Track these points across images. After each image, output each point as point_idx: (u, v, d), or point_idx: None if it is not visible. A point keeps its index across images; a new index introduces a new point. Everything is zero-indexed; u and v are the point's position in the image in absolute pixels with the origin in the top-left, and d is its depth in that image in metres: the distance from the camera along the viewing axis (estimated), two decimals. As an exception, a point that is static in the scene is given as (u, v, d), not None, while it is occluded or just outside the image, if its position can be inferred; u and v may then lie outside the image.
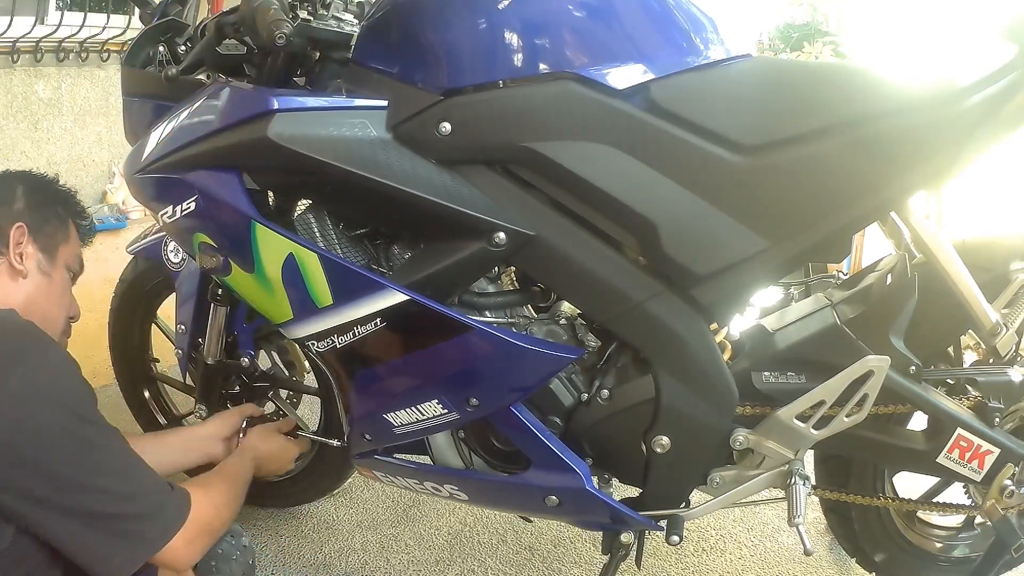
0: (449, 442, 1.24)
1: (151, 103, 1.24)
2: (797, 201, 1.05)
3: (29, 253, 1.10)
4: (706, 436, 1.15)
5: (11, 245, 1.08)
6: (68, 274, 1.19)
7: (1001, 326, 1.16)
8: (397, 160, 1.01)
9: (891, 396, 1.15)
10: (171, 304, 1.61)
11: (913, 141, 1.02)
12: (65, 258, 1.17)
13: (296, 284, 1.07)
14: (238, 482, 1.21)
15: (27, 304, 1.07)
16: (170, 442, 1.37)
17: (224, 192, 1.06)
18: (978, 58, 1.05)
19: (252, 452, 1.33)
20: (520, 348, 1.05)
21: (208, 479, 1.17)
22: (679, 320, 1.09)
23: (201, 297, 1.49)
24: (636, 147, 1.02)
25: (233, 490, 1.18)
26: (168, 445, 1.35)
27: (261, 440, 1.37)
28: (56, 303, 1.15)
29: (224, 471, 1.23)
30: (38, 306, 1.09)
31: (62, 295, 1.16)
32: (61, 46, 3.15)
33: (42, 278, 1.12)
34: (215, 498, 1.10)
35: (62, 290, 1.16)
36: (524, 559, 1.69)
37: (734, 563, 1.70)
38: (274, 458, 1.38)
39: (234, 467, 1.25)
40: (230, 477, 1.21)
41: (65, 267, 1.17)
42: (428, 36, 1.02)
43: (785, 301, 1.34)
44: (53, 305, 1.14)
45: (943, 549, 1.49)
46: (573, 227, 1.05)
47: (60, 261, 1.15)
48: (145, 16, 1.37)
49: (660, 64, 1.03)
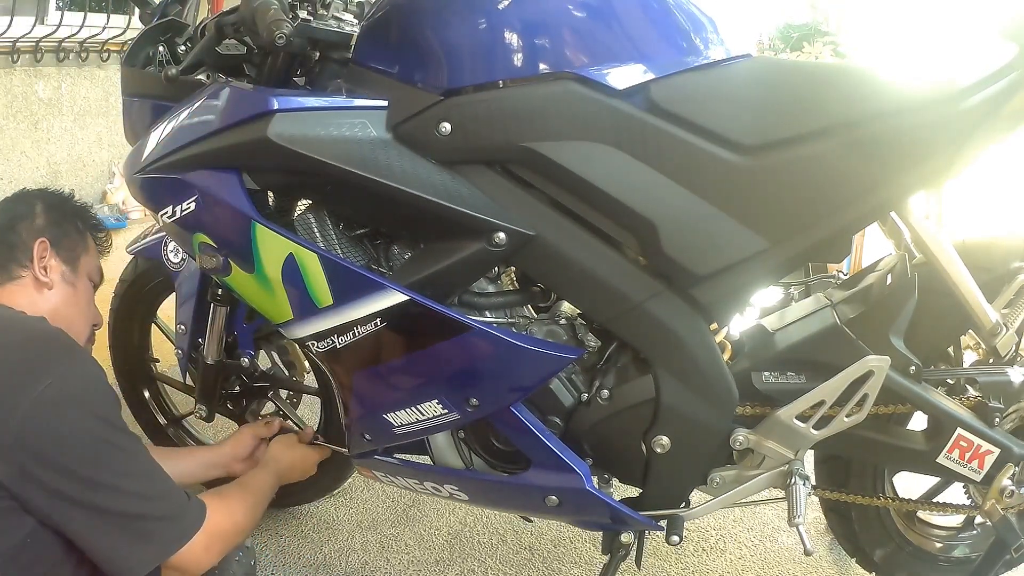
0: (449, 442, 1.24)
1: (151, 103, 1.24)
2: (797, 201, 1.05)
3: (53, 266, 1.15)
4: (706, 436, 1.15)
5: (35, 259, 1.13)
6: (90, 284, 1.24)
7: (1001, 326, 1.16)
8: (397, 160, 1.01)
9: (891, 396, 1.15)
10: (171, 304, 1.61)
11: (913, 141, 1.02)
12: (87, 269, 1.23)
13: (296, 284, 1.07)
14: (259, 494, 1.24)
15: (54, 314, 1.11)
16: (187, 462, 1.40)
17: (224, 192, 1.06)
18: (978, 58, 1.05)
19: (275, 465, 1.36)
20: (520, 348, 1.05)
21: (228, 489, 1.20)
22: (679, 320, 1.09)
23: (201, 297, 1.49)
24: (636, 147, 1.02)
25: (252, 500, 1.21)
26: (184, 464, 1.38)
27: (283, 451, 1.40)
28: (81, 312, 1.20)
29: (245, 482, 1.26)
30: (64, 316, 1.14)
31: (87, 305, 1.22)
32: (61, 46, 3.15)
33: (67, 289, 1.17)
34: (233, 507, 1.13)
35: (86, 300, 1.22)
36: (524, 559, 1.69)
37: (734, 563, 1.70)
38: (296, 467, 1.41)
39: (256, 480, 1.28)
40: (251, 489, 1.24)
41: (87, 277, 1.23)
42: (428, 36, 1.02)
43: (785, 301, 1.34)
44: (78, 314, 1.19)
45: (943, 549, 1.49)
46: (573, 227, 1.05)
47: (82, 272, 1.21)
48: (145, 16, 1.37)
49: (660, 64, 1.03)
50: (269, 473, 1.32)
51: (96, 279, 1.26)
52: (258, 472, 1.33)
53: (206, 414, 1.57)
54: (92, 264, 1.25)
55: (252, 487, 1.24)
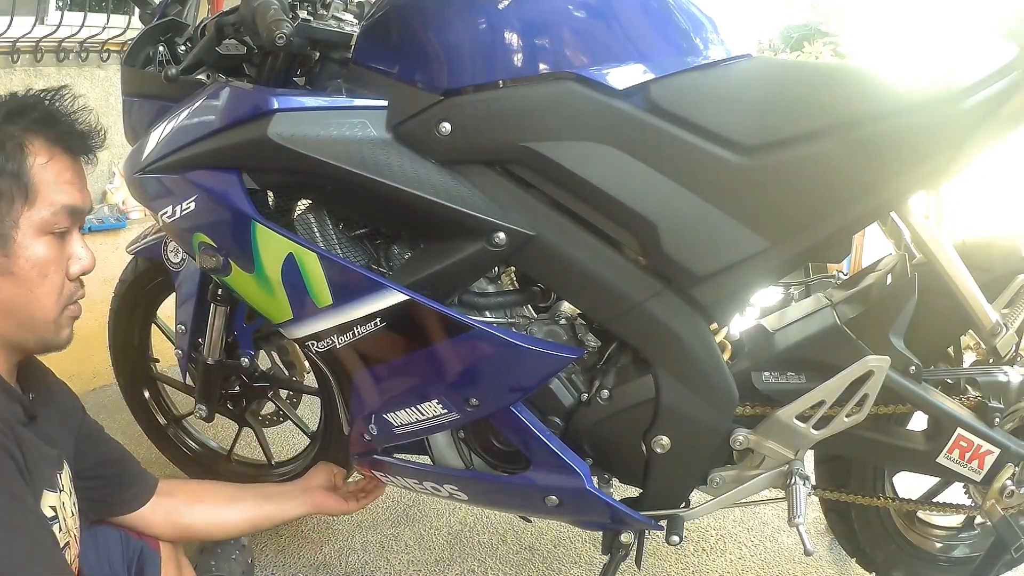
0: (449, 442, 1.24)
1: (151, 103, 1.24)
2: (797, 201, 1.05)
3: None
4: (706, 436, 1.15)
5: None
6: (44, 242, 0.90)
7: (1001, 326, 1.16)
8: (397, 160, 1.01)
9: (891, 396, 1.15)
10: (171, 304, 1.61)
11: (913, 141, 1.02)
12: (35, 223, 0.87)
13: (296, 284, 1.07)
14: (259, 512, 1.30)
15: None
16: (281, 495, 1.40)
17: (224, 192, 1.06)
18: (978, 58, 1.05)
19: (309, 507, 1.38)
20: (520, 348, 1.05)
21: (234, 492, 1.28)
22: (679, 320, 1.09)
23: (201, 297, 1.49)
24: (636, 147, 1.02)
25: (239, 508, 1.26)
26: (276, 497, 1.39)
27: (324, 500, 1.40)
28: (30, 298, 0.89)
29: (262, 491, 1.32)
30: (7, 315, 0.89)
31: (36, 286, 0.89)
32: (61, 46, 3.14)
33: (1, 283, 0.87)
34: None
35: (36, 279, 0.89)
36: (524, 559, 1.69)
37: (734, 563, 1.70)
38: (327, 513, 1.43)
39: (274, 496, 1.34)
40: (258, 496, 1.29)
41: (37, 234, 0.88)
42: (428, 36, 1.02)
43: (785, 301, 1.34)
44: (26, 303, 0.89)
45: (943, 549, 1.49)
46: (573, 227, 1.05)
47: (24, 238, 0.87)
48: (145, 16, 1.37)
49: (660, 64, 1.03)
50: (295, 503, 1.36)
51: (63, 221, 0.88)
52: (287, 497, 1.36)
53: (206, 414, 1.57)
54: (47, 202, 0.86)
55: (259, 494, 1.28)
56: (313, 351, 1.14)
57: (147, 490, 1.21)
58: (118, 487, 1.17)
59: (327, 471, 1.44)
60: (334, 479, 1.44)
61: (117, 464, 1.18)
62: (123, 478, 1.18)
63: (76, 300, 0.97)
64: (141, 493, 1.20)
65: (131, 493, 1.19)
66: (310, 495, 1.39)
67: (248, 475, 1.76)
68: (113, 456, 1.18)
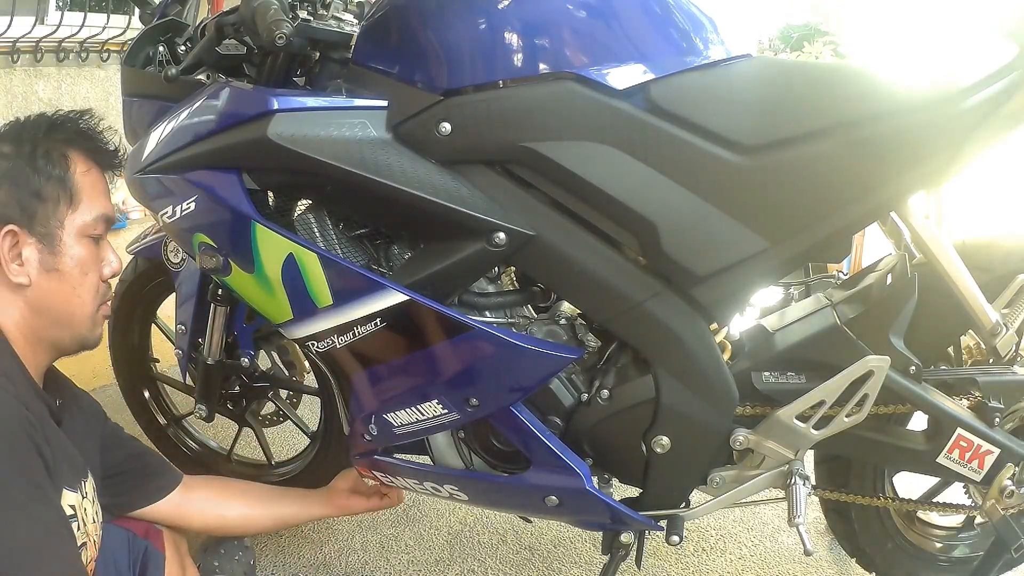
0: (449, 442, 1.24)
1: (151, 103, 1.24)
2: (797, 201, 1.05)
3: (28, 257, 0.93)
4: (706, 436, 1.15)
5: (2, 257, 0.92)
6: (84, 244, 0.98)
7: (1001, 326, 1.16)
8: (397, 160, 1.01)
9: (891, 396, 1.15)
10: (171, 304, 1.61)
11: (913, 141, 1.02)
12: (78, 226, 0.96)
13: (296, 284, 1.07)
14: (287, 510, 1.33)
15: (34, 316, 0.95)
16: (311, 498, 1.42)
17: (224, 192, 1.06)
18: (978, 58, 1.05)
19: (334, 509, 1.41)
20: (520, 348, 1.05)
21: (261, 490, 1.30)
22: (679, 320, 1.09)
23: (201, 297, 1.49)
24: (636, 147, 1.02)
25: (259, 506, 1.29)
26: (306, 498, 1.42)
27: (348, 502, 1.42)
28: (72, 295, 0.97)
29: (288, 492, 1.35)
30: (48, 312, 0.96)
31: (78, 283, 0.97)
32: (61, 46, 3.14)
33: (47, 279, 0.95)
34: None
35: (78, 277, 0.97)
36: (524, 559, 1.69)
37: (734, 563, 1.70)
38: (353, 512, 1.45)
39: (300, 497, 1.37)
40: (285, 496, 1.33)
41: (78, 237, 0.96)
42: (428, 36, 1.02)
43: (785, 301, 1.34)
44: (68, 299, 0.97)
45: (943, 549, 1.49)
46: (573, 227, 1.05)
47: (68, 238, 0.96)
48: (145, 16, 1.37)
49: (660, 64, 1.03)
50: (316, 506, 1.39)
51: (99, 228, 0.97)
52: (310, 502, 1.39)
53: (206, 414, 1.57)
54: (90, 207, 0.95)
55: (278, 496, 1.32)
56: (313, 351, 1.14)
57: (172, 481, 1.25)
58: (144, 477, 1.22)
59: (351, 474, 1.46)
60: (356, 483, 1.45)
61: (142, 458, 1.24)
62: (148, 470, 1.23)
63: (107, 301, 1.06)
64: (167, 483, 1.24)
65: (157, 484, 1.23)
66: (333, 498, 1.42)
67: (248, 475, 1.76)
68: (137, 451, 1.24)
